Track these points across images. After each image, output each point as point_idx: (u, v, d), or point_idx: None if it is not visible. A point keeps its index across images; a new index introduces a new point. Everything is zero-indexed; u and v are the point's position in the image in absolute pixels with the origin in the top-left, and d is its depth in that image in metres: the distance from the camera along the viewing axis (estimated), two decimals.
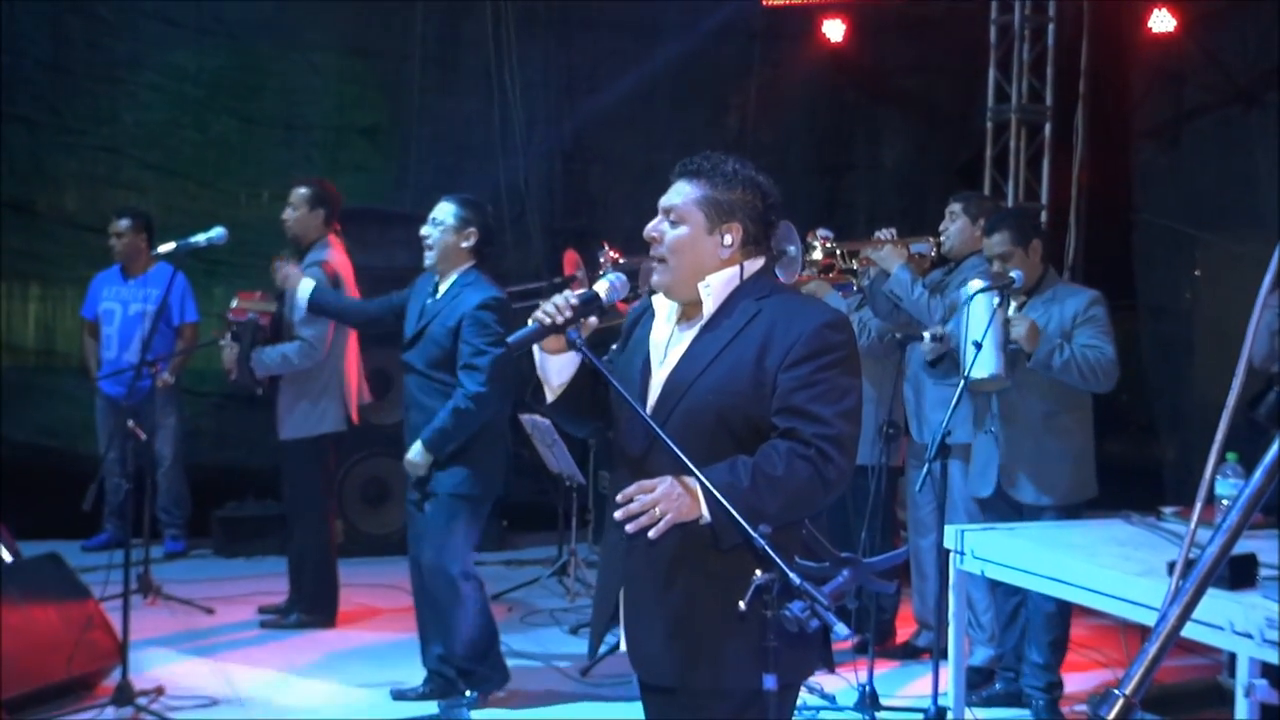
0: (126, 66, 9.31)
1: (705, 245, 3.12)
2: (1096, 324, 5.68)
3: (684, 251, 3.11)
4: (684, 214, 3.12)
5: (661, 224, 3.15)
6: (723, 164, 3.16)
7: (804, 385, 2.96)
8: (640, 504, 2.92)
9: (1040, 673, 5.85)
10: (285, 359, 6.88)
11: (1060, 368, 5.53)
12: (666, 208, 3.15)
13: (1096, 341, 5.61)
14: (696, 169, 3.15)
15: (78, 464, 8.50)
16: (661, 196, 3.18)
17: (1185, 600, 1.48)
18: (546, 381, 3.19)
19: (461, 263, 5.79)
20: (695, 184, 3.13)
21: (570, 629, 7.27)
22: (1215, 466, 1.64)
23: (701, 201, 3.12)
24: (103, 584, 6.37)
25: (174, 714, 5.67)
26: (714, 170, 3.14)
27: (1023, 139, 9.66)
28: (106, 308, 8.59)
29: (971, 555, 5.04)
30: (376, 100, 9.86)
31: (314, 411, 7.00)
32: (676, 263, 3.12)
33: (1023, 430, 5.78)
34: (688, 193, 3.13)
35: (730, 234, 3.12)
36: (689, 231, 3.11)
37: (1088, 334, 5.64)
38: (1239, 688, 4.08)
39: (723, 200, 3.12)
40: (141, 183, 9.43)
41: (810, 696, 5.98)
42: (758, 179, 3.17)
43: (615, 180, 10.20)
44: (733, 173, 3.14)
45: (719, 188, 3.12)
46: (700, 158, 3.18)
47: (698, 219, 3.11)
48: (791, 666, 2.92)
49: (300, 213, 7.10)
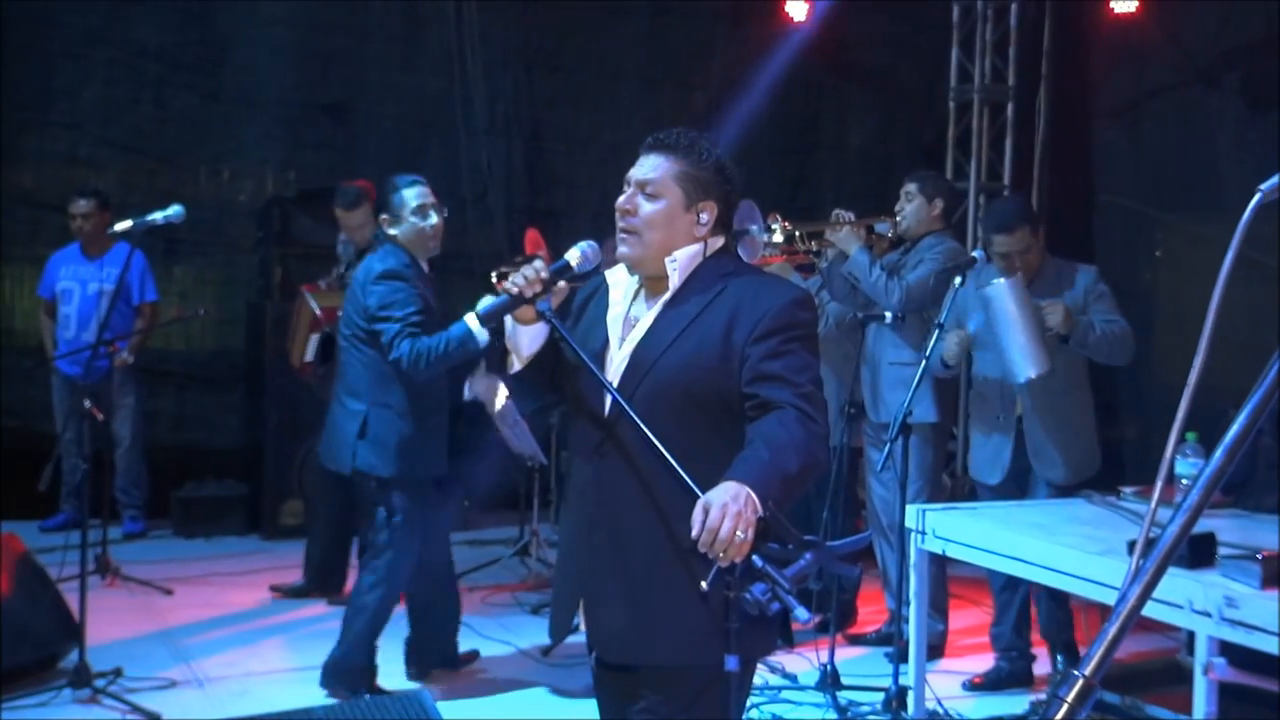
0: (85, 42, 9.21)
1: (681, 222, 3.08)
2: (1107, 299, 5.77)
3: (659, 226, 3.07)
4: (662, 188, 3.07)
5: (636, 197, 3.10)
6: (698, 139, 3.12)
7: (774, 355, 2.95)
8: (722, 537, 2.63)
9: None
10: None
11: (1094, 345, 5.63)
12: (642, 181, 3.09)
13: (1113, 315, 5.71)
14: (673, 143, 3.11)
15: (35, 444, 8.43)
16: (631, 170, 3.14)
17: (1146, 580, 1.47)
18: (517, 351, 3.15)
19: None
20: (671, 158, 3.09)
21: (532, 609, 7.25)
22: (1175, 446, 1.63)
23: (680, 177, 3.08)
24: (60, 565, 6.33)
25: (132, 695, 5.62)
26: (690, 147, 3.10)
27: (985, 119, 9.67)
28: (65, 287, 8.51)
29: (933, 535, 5.05)
30: (338, 77, 9.79)
31: None
32: (650, 237, 3.08)
33: (1047, 412, 5.81)
34: (665, 167, 3.08)
35: (706, 212, 3.09)
36: (666, 205, 3.07)
37: (1102, 309, 5.72)
38: (1198, 666, 4.10)
39: (700, 176, 3.09)
40: (100, 160, 9.35)
41: (772, 676, 5.99)
42: (724, 161, 3.15)
43: (579, 160, 10.16)
44: (708, 149, 3.12)
45: (696, 163, 3.09)
46: (674, 132, 3.13)
47: (676, 194, 3.07)
48: (750, 645, 2.91)
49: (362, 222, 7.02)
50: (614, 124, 9.89)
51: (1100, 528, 4.79)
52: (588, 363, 3.00)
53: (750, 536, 2.65)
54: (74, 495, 8.29)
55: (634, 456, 3.00)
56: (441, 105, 9.87)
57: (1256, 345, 4.79)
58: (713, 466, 2.80)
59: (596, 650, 3.18)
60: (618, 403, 2.94)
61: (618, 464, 3.04)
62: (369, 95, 9.81)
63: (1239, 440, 1.49)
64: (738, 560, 2.65)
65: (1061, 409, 5.82)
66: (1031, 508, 5.36)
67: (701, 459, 2.84)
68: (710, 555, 2.66)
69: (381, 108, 9.83)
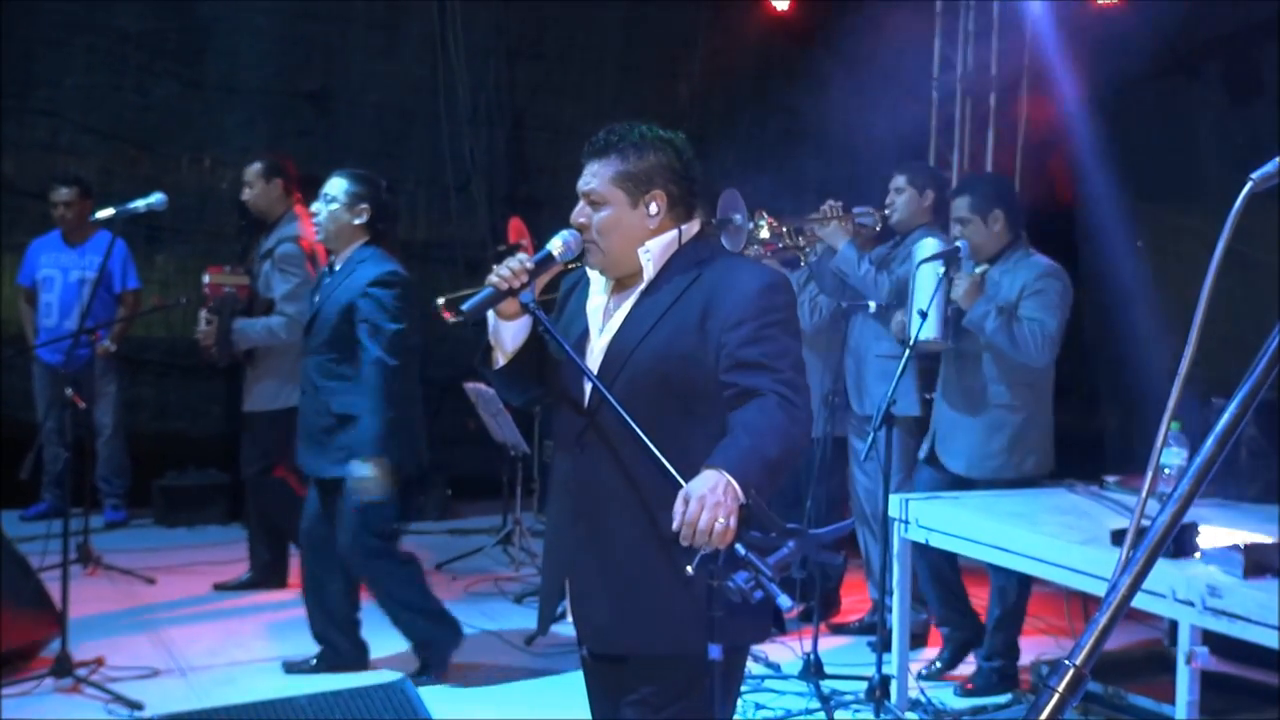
0: (66, 28, 9.16)
1: (631, 220, 3.08)
2: (1042, 297, 5.58)
3: (611, 232, 3.08)
4: (603, 195, 3.08)
5: (586, 209, 3.11)
6: (628, 133, 3.12)
7: (751, 341, 2.95)
8: (701, 528, 2.66)
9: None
10: (271, 332, 6.80)
11: (992, 332, 5.50)
12: (585, 191, 3.11)
13: (1039, 315, 5.52)
14: (604, 145, 3.11)
15: (16, 432, 8.39)
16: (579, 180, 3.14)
17: (1136, 570, 1.47)
18: (500, 346, 3.14)
19: (355, 239, 5.70)
20: (605, 162, 3.10)
21: (515, 598, 7.25)
22: (1164, 435, 1.64)
23: (616, 178, 3.08)
24: (41, 554, 6.31)
25: (114, 685, 5.60)
26: (621, 142, 3.10)
27: (968, 109, 9.68)
28: (46, 274, 8.48)
29: (916, 524, 5.06)
30: (320, 65, 9.74)
31: (282, 387, 6.91)
32: (608, 244, 3.09)
33: (957, 394, 5.80)
34: (601, 172, 3.09)
35: (655, 202, 3.09)
36: (613, 211, 3.08)
37: (1032, 306, 5.56)
38: (1180, 655, 4.13)
39: (637, 171, 3.08)
40: (81, 147, 9.30)
41: (755, 665, 6.00)
42: (668, 137, 3.13)
43: (562, 148, 10.11)
44: (640, 139, 3.11)
45: (630, 159, 3.08)
46: (605, 132, 3.14)
47: (618, 197, 3.08)
48: (741, 631, 2.92)
49: (258, 188, 7.03)
50: (597, 112, 9.85)
51: (1082, 517, 4.81)
52: (570, 353, 3.00)
53: (733, 524, 2.66)
54: (55, 484, 8.27)
55: (615, 446, 3.00)
56: (424, 93, 9.84)
57: (1239, 336, 4.81)
58: (691, 454, 2.81)
59: (584, 641, 3.18)
60: (598, 393, 2.94)
61: (599, 454, 3.04)
62: (351, 83, 9.78)
63: (1229, 430, 1.49)
64: (720, 547, 2.66)
65: (977, 396, 5.75)
66: (1014, 497, 5.36)
67: (680, 447, 2.84)
68: (693, 546, 2.67)
69: (364, 96, 9.79)
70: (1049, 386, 5.81)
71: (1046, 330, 5.50)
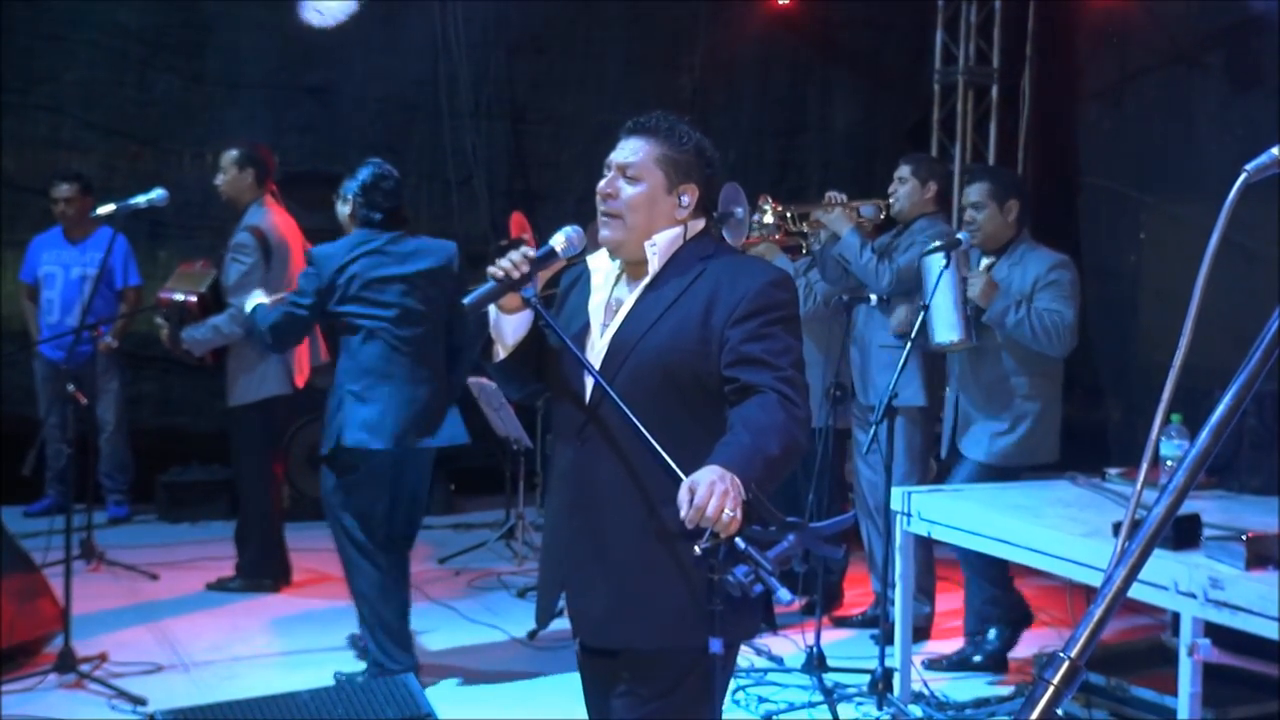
0: (67, 24, 9.15)
1: (662, 205, 3.09)
2: (1057, 288, 5.69)
3: (640, 209, 3.08)
4: (643, 171, 3.08)
5: (617, 180, 3.10)
6: (676, 123, 3.13)
7: (754, 338, 2.95)
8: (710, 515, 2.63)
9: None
10: (216, 330, 6.80)
11: (1014, 326, 5.58)
12: (623, 164, 3.10)
13: (1056, 306, 5.64)
14: (653, 127, 3.11)
15: (18, 429, 8.39)
16: (611, 154, 3.14)
17: (1131, 562, 1.47)
18: (501, 340, 3.14)
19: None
20: (651, 141, 3.09)
21: (518, 592, 7.25)
22: (1161, 428, 1.64)
23: (661, 160, 3.08)
24: (44, 550, 6.32)
25: (118, 680, 5.62)
26: (670, 130, 3.11)
27: (970, 101, 9.68)
28: (48, 271, 8.48)
29: (918, 517, 5.06)
30: (321, 60, 9.72)
31: (255, 377, 6.92)
32: (632, 220, 3.08)
33: (974, 387, 5.82)
34: (645, 150, 3.09)
35: (688, 195, 3.10)
36: (647, 189, 3.07)
37: (1048, 297, 5.66)
38: (1182, 647, 4.12)
39: (680, 159, 3.09)
40: (83, 143, 9.29)
41: (758, 658, 6.00)
42: (705, 144, 3.15)
43: (565, 142, 10.11)
44: (686, 132, 3.12)
45: (675, 146, 3.09)
46: (655, 115, 3.14)
47: (657, 177, 3.08)
48: (733, 627, 2.92)
49: (230, 175, 7.06)
50: (598, 106, 9.85)
51: (1085, 509, 4.80)
52: (571, 347, 3.00)
53: (739, 515, 2.65)
54: (58, 480, 8.27)
55: (616, 440, 3.00)
56: (425, 88, 9.82)
57: (1237, 327, 4.81)
58: (692, 450, 2.80)
59: (579, 635, 3.18)
60: (600, 387, 2.94)
61: (600, 448, 3.04)
62: (353, 78, 9.75)
63: (1224, 421, 1.49)
64: (723, 538, 2.65)
65: (997, 388, 5.81)
66: (1016, 489, 5.37)
67: (681, 442, 2.83)
68: (701, 526, 2.65)
69: (365, 90, 9.77)
70: (1060, 376, 5.93)
71: (1066, 320, 5.63)
